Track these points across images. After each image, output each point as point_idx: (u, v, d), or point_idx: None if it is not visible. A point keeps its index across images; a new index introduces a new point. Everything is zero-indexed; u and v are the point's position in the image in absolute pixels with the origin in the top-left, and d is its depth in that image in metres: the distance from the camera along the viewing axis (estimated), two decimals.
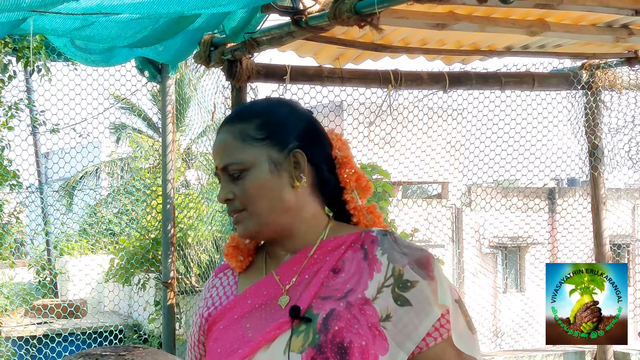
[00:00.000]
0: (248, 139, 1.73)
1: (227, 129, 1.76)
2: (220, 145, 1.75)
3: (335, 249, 1.72)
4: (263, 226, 1.72)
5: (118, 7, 2.71)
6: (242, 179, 1.71)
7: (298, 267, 1.73)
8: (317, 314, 1.63)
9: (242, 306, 1.73)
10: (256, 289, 1.74)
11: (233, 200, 1.72)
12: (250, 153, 1.72)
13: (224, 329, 1.72)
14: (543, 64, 5.35)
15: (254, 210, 1.71)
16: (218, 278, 1.87)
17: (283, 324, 1.64)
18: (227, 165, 1.72)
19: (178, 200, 6.80)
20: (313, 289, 1.67)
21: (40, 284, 8.53)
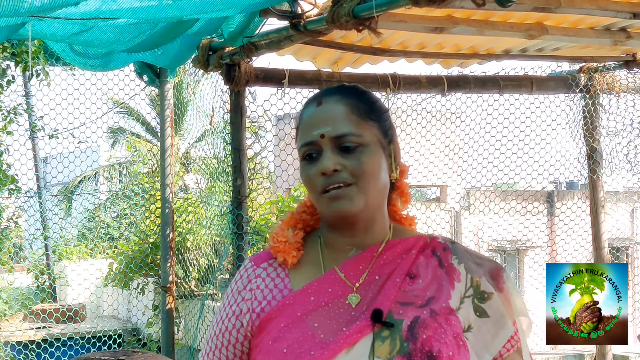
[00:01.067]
0: (364, 116, 1.67)
1: (339, 99, 1.69)
2: (333, 114, 1.67)
3: (405, 252, 1.68)
4: (367, 206, 1.65)
5: (116, 12, 2.71)
6: (357, 152, 1.63)
7: (365, 265, 1.67)
8: (401, 320, 1.58)
9: (304, 303, 1.65)
10: (319, 286, 1.67)
11: (340, 172, 1.63)
12: (367, 130, 1.66)
13: (287, 328, 1.63)
14: (541, 67, 5.35)
15: (365, 187, 1.63)
16: (262, 268, 1.76)
17: (364, 327, 1.57)
18: (343, 134, 1.64)
19: (177, 204, 6.79)
20: (391, 293, 1.62)
21: (39, 289, 8.52)
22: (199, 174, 8.07)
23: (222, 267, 5.79)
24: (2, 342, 7.32)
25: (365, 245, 1.69)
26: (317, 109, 1.69)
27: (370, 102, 1.71)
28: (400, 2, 2.94)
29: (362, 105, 1.69)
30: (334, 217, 1.66)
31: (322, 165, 1.63)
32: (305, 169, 1.67)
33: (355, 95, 1.71)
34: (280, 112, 5.01)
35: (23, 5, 2.30)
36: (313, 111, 1.70)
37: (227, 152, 4.60)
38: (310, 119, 1.69)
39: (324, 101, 1.69)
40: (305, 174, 1.68)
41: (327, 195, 1.64)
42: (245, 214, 4.49)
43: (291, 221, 1.79)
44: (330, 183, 1.63)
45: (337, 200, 1.63)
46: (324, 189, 1.64)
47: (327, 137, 1.64)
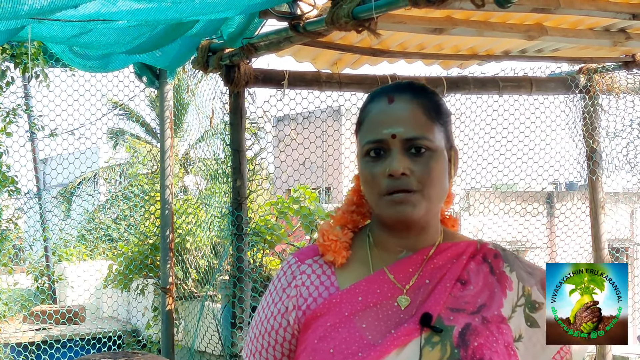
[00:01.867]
0: (435, 119, 1.63)
1: (411, 99, 1.64)
2: (406, 114, 1.62)
3: (456, 257, 1.65)
4: (428, 213, 1.62)
5: (116, 14, 2.71)
6: (425, 158, 1.59)
7: (415, 268, 1.64)
8: (451, 327, 1.55)
9: (351, 303, 1.62)
10: (367, 286, 1.63)
11: (408, 177, 1.58)
12: (438, 134, 1.62)
13: (334, 327, 1.60)
14: (541, 68, 5.36)
15: (429, 194, 1.60)
16: (306, 265, 1.72)
17: (412, 330, 1.55)
18: (415, 137, 1.59)
19: (176, 205, 6.79)
20: (441, 298, 1.59)
21: (38, 290, 8.51)
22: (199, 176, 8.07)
23: (221, 268, 5.79)
24: (2, 344, 7.32)
25: (416, 247, 1.66)
26: (389, 107, 1.63)
27: (439, 105, 1.67)
28: (399, 3, 2.95)
29: (433, 107, 1.65)
30: (394, 220, 1.63)
31: (392, 167, 1.58)
32: (369, 167, 1.63)
33: (426, 96, 1.66)
34: (280, 114, 5.01)
35: (23, 8, 2.30)
36: (384, 108, 1.64)
37: (227, 154, 4.60)
38: (381, 116, 1.63)
39: (396, 98, 1.64)
40: (368, 172, 1.63)
41: (391, 198, 1.60)
42: (245, 215, 4.49)
43: (341, 220, 1.75)
44: (397, 186, 1.59)
45: (401, 205, 1.59)
46: (388, 192, 1.60)
47: (398, 138, 1.59)
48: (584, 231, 5.99)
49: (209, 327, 6.20)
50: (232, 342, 4.47)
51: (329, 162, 6.74)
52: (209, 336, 6.26)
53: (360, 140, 1.67)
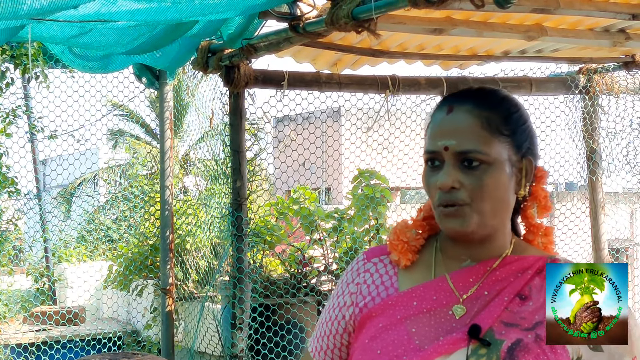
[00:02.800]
0: (496, 132, 1.59)
1: (471, 109, 1.60)
2: (461, 126, 1.59)
3: (520, 271, 1.62)
4: (481, 227, 1.59)
5: (115, 14, 2.71)
6: (479, 171, 1.57)
7: (476, 278, 1.62)
8: (501, 341, 1.53)
9: (406, 306, 1.62)
10: (425, 291, 1.63)
11: (458, 190, 1.57)
12: (496, 148, 1.58)
13: (385, 329, 1.60)
14: (540, 68, 5.36)
15: (481, 209, 1.57)
16: (372, 263, 1.73)
17: (459, 340, 1.54)
18: (468, 151, 1.57)
19: (176, 206, 6.79)
20: (496, 311, 1.57)
21: (38, 291, 8.50)
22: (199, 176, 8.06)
23: (221, 269, 5.78)
24: (2, 345, 7.31)
25: (480, 258, 1.64)
26: (446, 117, 1.61)
27: (506, 114, 1.62)
28: (399, 4, 2.94)
29: (496, 117, 1.60)
30: (448, 234, 1.63)
31: (441, 181, 1.58)
32: (427, 176, 1.63)
33: (490, 106, 1.62)
34: (280, 114, 5.01)
35: (22, 8, 2.30)
36: (441, 118, 1.62)
37: (227, 154, 4.60)
38: (438, 127, 1.62)
39: (455, 108, 1.61)
40: (426, 181, 1.64)
41: (442, 211, 1.60)
42: (245, 215, 4.49)
43: (418, 224, 1.74)
44: (447, 199, 1.58)
45: (450, 219, 1.59)
46: (440, 204, 1.60)
47: (450, 151, 1.58)
48: (584, 231, 5.99)
49: (209, 327, 6.19)
50: (232, 342, 4.47)
51: (329, 163, 6.75)
52: (209, 337, 6.26)
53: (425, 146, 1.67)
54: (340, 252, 6.40)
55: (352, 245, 6.28)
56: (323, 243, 6.45)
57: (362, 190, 6.45)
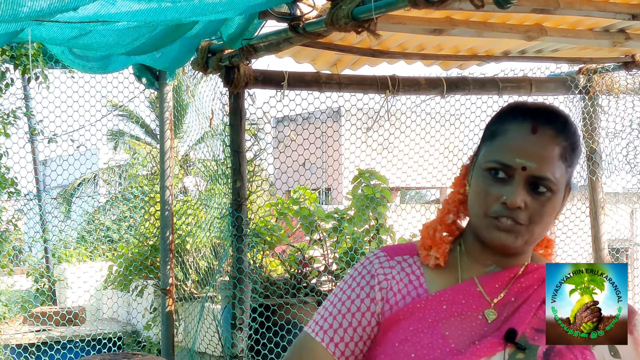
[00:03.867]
0: (565, 161, 1.61)
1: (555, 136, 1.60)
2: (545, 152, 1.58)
3: (542, 279, 1.63)
4: (527, 247, 1.63)
5: (115, 15, 2.71)
6: (544, 196, 1.58)
7: (503, 284, 1.64)
8: (536, 346, 1.56)
9: (436, 309, 1.62)
10: (453, 294, 1.64)
11: (521, 210, 1.58)
12: (562, 176, 1.61)
13: (416, 331, 1.59)
14: (540, 68, 5.36)
15: (534, 231, 1.60)
16: (396, 261, 1.71)
17: (496, 344, 1.56)
18: (545, 178, 1.57)
19: (176, 207, 6.79)
20: (527, 317, 1.59)
21: (38, 292, 8.50)
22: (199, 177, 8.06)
23: (221, 269, 5.78)
24: (2, 345, 7.31)
25: (505, 264, 1.66)
26: (530, 137, 1.59)
27: (576, 145, 1.64)
28: (399, 4, 2.94)
29: (571, 148, 1.63)
30: (490, 243, 1.62)
31: (510, 198, 1.56)
32: (486, 184, 1.61)
33: (568, 135, 1.63)
34: (280, 114, 5.00)
35: (22, 10, 2.30)
36: (525, 136, 1.60)
37: (227, 155, 4.60)
38: (519, 143, 1.60)
39: (539, 130, 1.60)
40: (483, 189, 1.61)
41: (495, 223, 1.59)
42: (245, 216, 4.49)
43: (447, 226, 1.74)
44: (506, 215, 1.58)
45: (504, 233, 1.59)
46: (496, 216, 1.59)
47: (527, 172, 1.57)
48: (584, 231, 5.99)
49: (209, 328, 6.19)
50: (233, 343, 4.47)
51: (329, 163, 6.75)
52: (209, 337, 6.26)
53: (487, 151, 1.64)
54: (340, 252, 6.40)
55: (352, 245, 6.28)
56: (323, 243, 6.45)
57: (362, 190, 6.45)
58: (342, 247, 6.39)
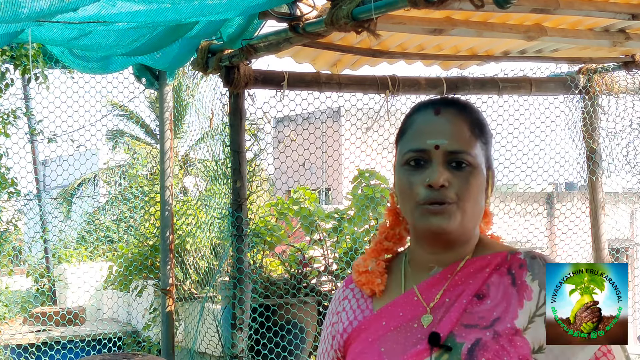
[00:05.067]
0: (478, 136, 1.65)
1: (457, 113, 1.65)
2: (452, 127, 1.62)
3: (478, 271, 1.63)
4: (461, 228, 1.62)
5: (115, 16, 2.71)
6: (466, 173, 1.60)
7: (440, 286, 1.64)
8: (461, 344, 1.54)
9: (376, 327, 1.65)
10: (392, 309, 1.65)
11: (446, 188, 1.59)
12: (479, 151, 1.64)
13: (360, 353, 1.63)
14: (540, 68, 5.36)
15: (465, 208, 1.60)
16: (349, 289, 1.77)
17: (422, 351, 1.56)
18: (458, 151, 1.60)
19: (176, 207, 6.79)
20: (454, 315, 1.58)
21: (38, 292, 8.51)
22: (199, 177, 8.06)
23: (221, 269, 5.78)
24: (2, 346, 7.31)
25: (447, 262, 1.66)
26: (435, 118, 1.64)
27: (484, 123, 1.69)
28: (398, 4, 2.95)
29: (477, 124, 1.66)
30: (427, 230, 1.63)
31: (432, 178, 1.59)
32: (407, 176, 1.63)
33: (471, 112, 1.67)
34: (280, 114, 5.01)
35: (22, 11, 2.30)
36: (429, 119, 1.65)
37: (227, 155, 4.60)
38: (425, 126, 1.64)
39: (442, 111, 1.65)
40: (406, 181, 1.63)
41: (426, 208, 1.60)
42: (245, 216, 4.49)
43: (373, 253, 1.77)
44: (434, 197, 1.59)
45: (436, 216, 1.60)
46: (425, 202, 1.60)
47: (441, 150, 1.60)
48: (584, 231, 5.99)
49: (209, 328, 6.19)
50: (233, 343, 4.47)
51: (329, 163, 6.74)
52: (209, 337, 6.26)
53: (401, 148, 1.67)
54: (340, 252, 6.40)
55: (352, 245, 6.28)
56: (323, 243, 6.45)
57: (362, 190, 6.45)
58: (342, 247, 6.39)
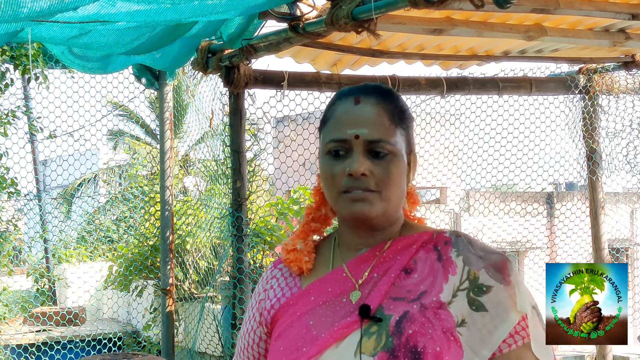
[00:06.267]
0: (398, 124, 1.66)
1: (377, 102, 1.66)
2: (371, 116, 1.64)
3: (406, 248, 1.67)
4: (385, 213, 1.65)
5: (115, 15, 2.71)
6: (386, 161, 1.62)
7: (368, 263, 1.67)
8: (390, 316, 1.57)
9: (305, 302, 1.68)
10: (321, 285, 1.69)
11: (367, 177, 1.61)
12: (399, 138, 1.65)
13: (288, 326, 1.67)
14: (540, 68, 5.36)
15: (387, 196, 1.63)
16: (278, 269, 1.80)
17: (352, 323, 1.59)
18: (378, 140, 1.62)
19: (176, 207, 6.79)
20: (383, 288, 1.61)
21: (38, 292, 8.51)
22: (199, 177, 8.07)
23: (221, 269, 5.78)
24: (2, 345, 7.31)
25: (373, 243, 1.69)
26: (354, 108, 1.66)
27: (403, 109, 1.70)
28: (398, 4, 2.95)
29: (397, 111, 1.67)
30: (351, 217, 1.66)
31: (352, 168, 1.61)
32: (329, 165, 1.66)
33: (392, 100, 1.69)
34: (280, 114, 5.01)
35: (22, 11, 2.30)
36: (349, 109, 1.67)
37: (227, 155, 4.60)
38: (346, 116, 1.66)
39: (362, 100, 1.66)
40: (328, 170, 1.66)
41: (348, 196, 1.63)
42: (245, 216, 4.49)
43: (301, 234, 1.80)
44: (355, 186, 1.62)
45: (357, 203, 1.62)
46: (346, 190, 1.63)
47: (361, 139, 1.62)
48: (584, 231, 6.00)
49: (209, 328, 6.20)
50: (233, 343, 4.47)
51: None
52: (209, 337, 6.26)
53: (323, 138, 1.70)
54: None
55: None
56: None
57: None
58: None
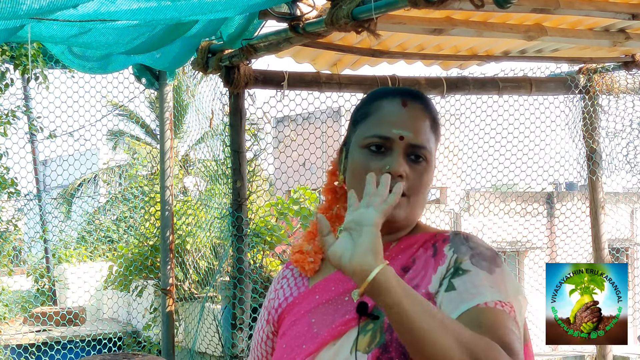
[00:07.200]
0: (435, 134, 1.70)
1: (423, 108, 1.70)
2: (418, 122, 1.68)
3: (407, 247, 1.68)
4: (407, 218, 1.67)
5: (115, 14, 2.71)
6: (421, 167, 1.65)
7: None
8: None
9: (309, 301, 1.71)
10: (326, 284, 1.71)
11: (401, 180, 1.62)
12: (433, 146, 1.69)
13: (292, 325, 1.70)
14: (540, 68, 5.35)
15: (414, 202, 1.66)
16: (289, 269, 1.84)
17: (350, 320, 1.60)
18: (420, 146, 1.65)
19: (176, 207, 6.79)
20: None
21: (38, 292, 8.51)
22: (199, 177, 8.06)
23: (221, 269, 5.78)
24: (2, 346, 7.31)
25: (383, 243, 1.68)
26: (403, 109, 1.67)
27: (439, 122, 1.74)
28: (399, 4, 2.95)
29: (436, 122, 1.71)
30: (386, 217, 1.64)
31: (393, 167, 1.62)
32: (367, 159, 1.66)
33: (433, 110, 1.72)
34: (280, 114, 5.01)
35: (21, 8, 2.30)
36: (397, 109, 1.68)
37: (227, 155, 4.60)
38: (392, 116, 1.67)
39: (409, 104, 1.68)
40: (364, 163, 1.66)
41: None
42: (245, 216, 4.49)
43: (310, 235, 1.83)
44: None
45: None
46: None
47: (405, 141, 1.64)
48: (584, 231, 5.99)
49: (210, 328, 6.19)
50: (233, 343, 4.47)
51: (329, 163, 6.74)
52: (209, 337, 6.26)
53: (362, 130, 1.70)
54: None
55: None
56: None
57: None
58: None
